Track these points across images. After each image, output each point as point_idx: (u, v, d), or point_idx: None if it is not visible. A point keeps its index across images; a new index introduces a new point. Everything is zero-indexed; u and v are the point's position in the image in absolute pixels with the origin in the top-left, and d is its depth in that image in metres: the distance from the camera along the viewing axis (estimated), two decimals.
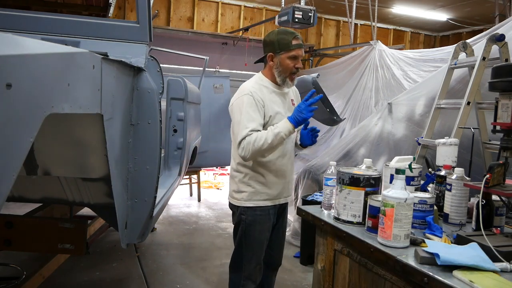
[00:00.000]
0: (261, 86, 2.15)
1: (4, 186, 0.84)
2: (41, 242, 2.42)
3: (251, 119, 2.03)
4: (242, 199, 2.16)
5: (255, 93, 2.08)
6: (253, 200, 2.16)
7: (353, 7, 6.35)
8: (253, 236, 2.18)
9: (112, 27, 2.30)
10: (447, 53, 3.65)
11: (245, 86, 2.15)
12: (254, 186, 2.15)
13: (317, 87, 4.70)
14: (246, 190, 2.16)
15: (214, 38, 6.95)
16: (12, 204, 4.31)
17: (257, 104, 2.06)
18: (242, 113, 2.04)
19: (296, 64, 2.13)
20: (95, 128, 1.60)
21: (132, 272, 3.40)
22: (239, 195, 2.18)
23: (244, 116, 2.03)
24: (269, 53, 2.15)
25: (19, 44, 0.89)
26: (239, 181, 2.17)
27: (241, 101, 2.07)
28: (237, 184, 2.18)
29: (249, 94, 2.07)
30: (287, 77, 2.15)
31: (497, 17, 6.09)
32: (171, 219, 5.01)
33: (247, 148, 2.00)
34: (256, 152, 2.02)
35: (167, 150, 3.45)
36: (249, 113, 2.04)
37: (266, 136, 2.00)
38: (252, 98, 2.06)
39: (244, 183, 2.16)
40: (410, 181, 1.78)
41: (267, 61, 2.18)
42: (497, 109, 1.76)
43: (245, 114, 2.04)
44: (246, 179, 2.16)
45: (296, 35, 2.13)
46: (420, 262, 1.32)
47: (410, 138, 3.40)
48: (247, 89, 2.10)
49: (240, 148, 2.01)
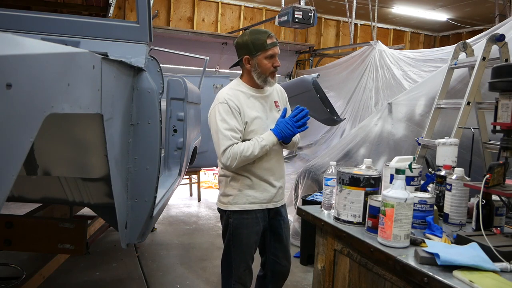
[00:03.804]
0: (237, 92, 2.10)
1: (4, 186, 0.84)
2: (41, 242, 2.42)
3: (229, 127, 2.01)
4: (228, 203, 2.14)
5: (229, 100, 2.04)
6: (239, 204, 2.12)
7: (353, 7, 6.35)
8: (241, 240, 2.14)
9: (112, 27, 2.30)
10: (447, 53, 3.66)
11: (219, 94, 2.10)
12: (239, 189, 2.11)
13: (317, 87, 4.71)
14: (231, 194, 2.13)
15: (214, 38, 6.95)
16: (12, 204, 4.31)
17: (233, 112, 2.03)
18: (218, 122, 2.02)
19: (274, 63, 2.09)
20: (95, 128, 1.60)
21: (132, 272, 3.40)
22: (225, 198, 2.15)
23: (222, 125, 2.01)
24: (244, 56, 2.10)
25: (19, 44, 0.89)
26: (225, 185, 2.15)
27: (217, 110, 2.05)
28: (223, 188, 2.17)
29: (224, 102, 2.04)
30: (267, 77, 2.11)
31: (497, 17, 6.10)
32: (171, 219, 5.01)
33: (233, 158, 1.98)
34: (242, 163, 2.02)
35: (167, 150, 3.44)
36: (226, 121, 2.01)
37: (253, 148, 2.00)
38: (227, 105, 2.03)
39: (230, 186, 2.13)
40: (410, 181, 1.78)
41: (244, 65, 2.12)
42: (497, 109, 1.76)
43: (222, 123, 2.01)
44: (232, 182, 2.13)
45: (269, 34, 2.08)
46: (420, 262, 1.32)
47: (410, 138, 3.40)
48: (222, 97, 2.06)
49: (225, 157, 1.99)
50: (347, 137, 4.24)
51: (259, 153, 2.02)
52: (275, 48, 2.09)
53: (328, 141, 5.29)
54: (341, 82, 5.78)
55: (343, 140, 4.30)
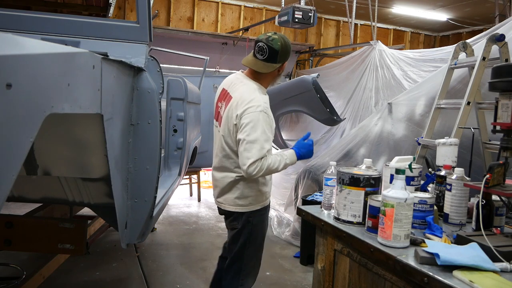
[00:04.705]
0: (266, 99, 2.11)
1: (4, 186, 0.84)
2: (41, 242, 2.42)
3: (267, 138, 2.01)
4: (250, 204, 2.16)
5: (268, 111, 2.05)
6: (260, 202, 2.20)
7: (353, 7, 6.35)
8: (258, 235, 2.24)
9: (112, 27, 2.30)
10: (447, 53, 3.65)
11: (255, 99, 2.03)
12: (257, 189, 2.17)
13: (317, 87, 4.71)
14: (252, 194, 2.16)
15: (214, 38, 6.94)
16: (12, 204, 4.31)
17: (271, 124, 2.05)
18: (258, 130, 1.97)
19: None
20: (95, 128, 1.60)
21: (132, 272, 3.40)
22: (245, 200, 2.16)
23: (262, 136, 1.98)
24: (284, 62, 2.12)
25: (19, 44, 0.89)
26: (243, 187, 2.14)
27: (257, 117, 1.99)
28: (239, 190, 2.15)
29: (264, 111, 2.01)
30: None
31: (497, 17, 6.09)
32: (171, 219, 5.01)
33: (260, 169, 1.98)
34: (264, 175, 2.06)
35: (167, 150, 3.44)
36: (266, 133, 2.00)
37: (278, 164, 2.04)
38: (267, 116, 2.03)
39: (249, 187, 2.14)
40: (410, 181, 1.78)
41: (276, 69, 2.12)
42: (497, 109, 1.76)
43: (263, 134, 1.98)
44: (250, 183, 2.14)
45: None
46: (420, 262, 1.32)
47: (410, 138, 3.40)
48: (262, 106, 2.01)
49: (253, 167, 1.96)
50: (347, 137, 4.24)
51: (281, 170, 2.09)
52: None
53: (328, 141, 5.29)
54: (341, 82, 5.78)
55: (343, 140, 4.30)
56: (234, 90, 2.14)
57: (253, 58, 2.11)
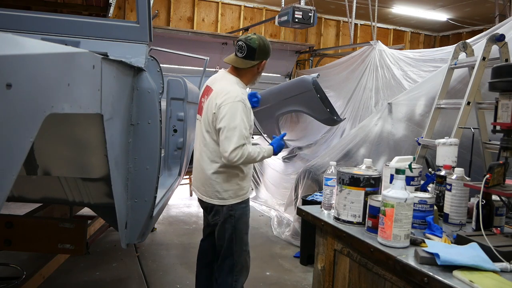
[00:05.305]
0: (245, 92, 2.26)
1: (4, 186, 0.84)
2: (41, 242, 2.42)
3: (246, 127, 2.12)
4: (230, 198, 2.24)
5: (246, 102, 2.18)
6: (238, 196, 2.26)
7: (353, 7, 6.35)
8: (242, 229, 2.30)
9: (112, 27, 2.30)
10: (447, 53, 3.65)
11: (233, 91, 2.17)
12: (236, 182, 2.24)
13: (317, 87, 4.71)
14: (231, 188, 2.24)
15: (214, 38, 6.94)
16: (12, 204, 4.31)
17: (248, 114, 2.16)
18: (239, 119, 2.09)
19: None
20: (95, 128, 1.60)
21: (132, 272, 3.40)
22: (224, 194, 2.23)
23: (241, 123, 2.10)
24: (263, 60, 2.26)
25: (19, 44, 0.89)
26: (223, 181, 2.22)
27: (236, 107, 2.11)
28: (219, 184, 2.23)
29: (242, 101, 2.13)
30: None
31: (497, 17, 6.10)
32: (171, 219, 5.01)
33: (242, 156, 2.08)
34: (245, 163, 2.17)
35: (167, 150, 3.44)
36: (244, 121, 2.12)
37: (257, 155, 2.18)
38: (245, 106, 2.15)
39: (228, 181, 2.23)
40: (410, 181, 1.78)
41: (255, 67, 2.26)
42: (497, 109, 1.76)
43: (243, 121, 2.10)
44: (230, 178, 2.23)
45: None
46: (420, 262, 1.32)
47: (410, 138, 3.40)
48: (240, 96, 2.14)
49: (235, 153, 2.07)
50: (347, 137, 4.24)
51: (259, 161, 2.27)
52: None
53: (328, 141, 5.28)
54: (341, 82, 5.77)
55: (343, 140, 4.30)
56: (215, 84, 2.28)
57: (234, 56, 2.27)
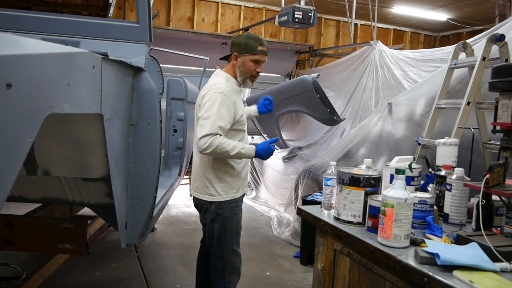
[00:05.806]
0: (232, 86, 2.24)
1: (4, 186, 0.84)
2: (41, 242, 2.42)
3: (221, 116, 2.10)
4: (218, 194, 2.22)
5: (229, 94, 2.16)
6: (227, 194, 2.24)
7: (353, 7, 6.35)
8: (232, 229, 2.26)
9: (112, 27, 2.30)
10: (447, 53, 3.65)
11: (218, 83, 2.18)
12: (226, 180, 2.23)
13: (317, 87, 4.70)
14: (219, 185, 2.22)
15: (214, 38, 6.93)
16: (12, 204, 4.31)
17: (228, 105, 2.14)
18: (216, 109, 2.09)
19: (257, 68, 2.26)
20: (95, 128, 1.60)
21: (132, 272, 3.40)
22: (212, 190, 2.22)
23: (218, 114, 2.08)
24: (234, 52, 2.26)
25: (19, 44, 0.89)
26: (212, 176, 2.22)
27: (215, 98, 2.11)
28: (209, 180, 2.22)
29: (224, 93, 2.13)
30: (247, 78, 2.28)
31: (497, 17, 6.10)
32: (171, 219, 5.01)
33: (211, 145, 2.05)
34: (214, 154, 2.11)
35: (167, 150, 3.44)
36: (221, 111, 2.10)
37: (231, 149, 2.09)
38: (226, 97, 2.14)
39: (217, 177, 2.22)
40: (410, 181, 1.78)
41: (231, 60, 2.28)
42: (497, 109, 1.76)
43: (219, 112, 2.09)
44: (220, 173, 2.22)
45: (262, 42, 2.25)
46: (420, 262, 1.32)
47: (410, 138, 3.40)
48: (222, 88, 2.15)
49: (203, 140, 2.05)
50: (347, 137, 4.24)
51: (233, 157, 2.15)
52: (263, 56, 2.26)
53: (328, 141, 5.28)
54: (341, 82, 5.77)
55: (343, 140, 4.29)
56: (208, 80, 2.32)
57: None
